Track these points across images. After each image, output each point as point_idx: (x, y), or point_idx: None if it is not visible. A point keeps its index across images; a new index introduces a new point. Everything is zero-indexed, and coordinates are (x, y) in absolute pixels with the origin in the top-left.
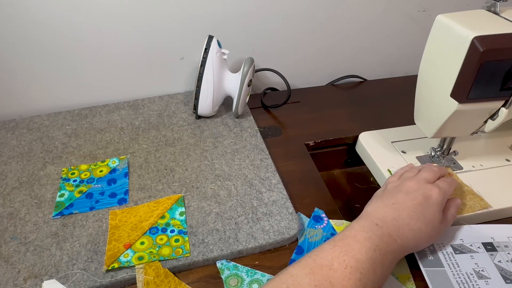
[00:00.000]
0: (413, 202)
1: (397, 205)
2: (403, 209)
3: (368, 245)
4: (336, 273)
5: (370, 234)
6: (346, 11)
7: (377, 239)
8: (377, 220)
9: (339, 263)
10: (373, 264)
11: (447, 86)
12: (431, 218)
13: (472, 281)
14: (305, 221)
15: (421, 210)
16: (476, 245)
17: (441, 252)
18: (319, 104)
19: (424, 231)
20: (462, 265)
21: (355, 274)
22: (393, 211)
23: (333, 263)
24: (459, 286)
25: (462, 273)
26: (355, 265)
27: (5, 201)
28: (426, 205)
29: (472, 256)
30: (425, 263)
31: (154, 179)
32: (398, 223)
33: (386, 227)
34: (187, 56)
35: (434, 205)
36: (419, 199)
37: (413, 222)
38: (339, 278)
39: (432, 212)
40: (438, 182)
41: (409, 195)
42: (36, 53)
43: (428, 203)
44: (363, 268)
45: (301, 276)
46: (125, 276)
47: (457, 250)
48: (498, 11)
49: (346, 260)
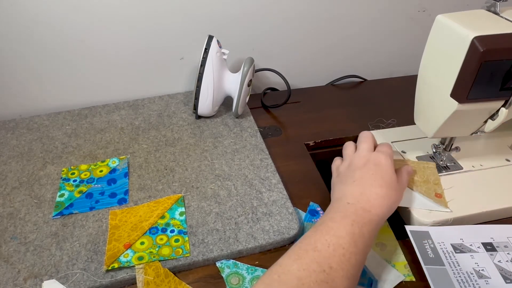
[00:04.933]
0: (369, 173)
1: (358, 181)
2: (364, 182)
3: (345, 222)
4: (320, 253)
5: (345, 212)
6: (346, 11)
7: (352, 215)
8: (347, 199)
9: (322, 244)
10: (353, 237)
11: (447, 86)
12: (389, 180)
13: (472, 280)
14: (302, 216)
15: (379, 176)
16: (476, 245)
17: (442, 250)
18: (319, 104)
19: (390, 194)
20: (463, 264)
21: (338, 250)
22: (357, 187)
23: (317, 245)
24: (459, 285)
25: (462, 272)
26: (337, 241)
27: (5, 201)
28: (381, 171)
29: (472, 256)
30: (426, 261)
31: (154, 179)
32: (366, 195)
33: (358, 203)
34: (187, 56)
35: (387, 167)
36: (373, 168)
37: (379, 190)
38: (324, 257)
39: (389, 174)
40: (379, 148)
41: (363, 169)
42: (36, 53)
43: (381, 168)
44: (344, 243)
45: (289, 264)
46: (125, 276)
47: (457, 249)
48: (498, 11)
49: (328, 239)
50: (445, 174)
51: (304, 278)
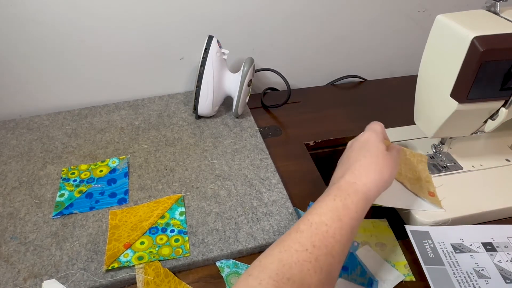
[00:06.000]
0: (355, 150)
1: (344, 160)
2: (350, 159)
3: (327, 199)
4: (303, 233)
5: (328, 192)
6: (346, 11)
7: (335, 191)
8: (333, 181)
9: (304, 224)
10: (336, 212)
11: (447, 86)
12: (375, 150)
13: (472, 280)
14: (302, 216)
15: (365, 149)
16: (476, 245)
17: (442, 250)
18: (319, 104)
19: (376, 161)
20: (462, 264)
21: (320, 228)
22: (343, 166)
23: (299, 226)
24: (459, 285)
25: (462, 272)
26: (319, 219)
27: (5, 201)
28: (365, 144)
29: (472, 256)
30: (426, 261)
31: (154, 179)
32: (350, 169)
33: (341, 178)
34: (187, 56)
35: (371, 140)
36: (357, 145)
37: (363, 160)
38: (306, 237)
39: (374, 145)
40: (367, 127)
41: (350, 149)
42: (36, 53)
43: (365, 142)
44: (327, 219)
45: (272, 248)
46: (125, 276)
47: (457, 249)
48: (498, 11)
49: (310, 219)
50: (445, 174)
51: (285, 259)
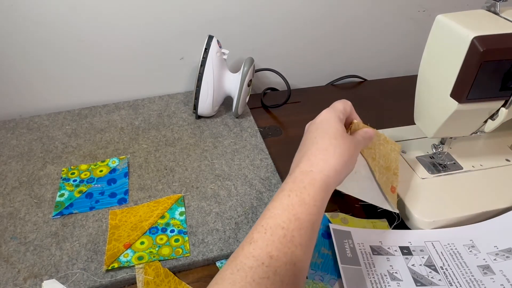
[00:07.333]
0: (311, 133)
1: (301, 146)
2: (305, 143)
3: (281, 196)
4: (257, 243)
5: (283, 186)
6: (346, 11)
7: (289, 185)
8: (290, 170)
9: (258, 232)
10: (292, 210)
11: (447, 86)
12: (333, 131)
13: (385, 282)
14: None
15: (321, 131)
16: (394, 248)
17: (360, 251)
18: (319, 104)
19: (334, 143)
20: (378, 266)
21: (277, 233)
22: (300, 152)
23: (253, 235)
24: (371, 285)
25: (376, 273)
26: (274, 222)
27: (5, 201)
28: (322, 125)
29: (388, 258)
30: (343, 260)
31: (154, 179)
32: (306, 155)
33: (297, 167)
34: (187, 56)
35: (328, 119)
36: (313, 127)
37: (320, 143)
38: (261, 248)
39: (332, 126)
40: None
41: (305, 134)
42: (36, 53)
43: (321, 123)
44: (283, 221)
45: (224, 269)
46: (125, 276)
47: (375, 251)
48: (498, 11)
49: (264, 224)
50: (445, 174)
51: (239, 281)
